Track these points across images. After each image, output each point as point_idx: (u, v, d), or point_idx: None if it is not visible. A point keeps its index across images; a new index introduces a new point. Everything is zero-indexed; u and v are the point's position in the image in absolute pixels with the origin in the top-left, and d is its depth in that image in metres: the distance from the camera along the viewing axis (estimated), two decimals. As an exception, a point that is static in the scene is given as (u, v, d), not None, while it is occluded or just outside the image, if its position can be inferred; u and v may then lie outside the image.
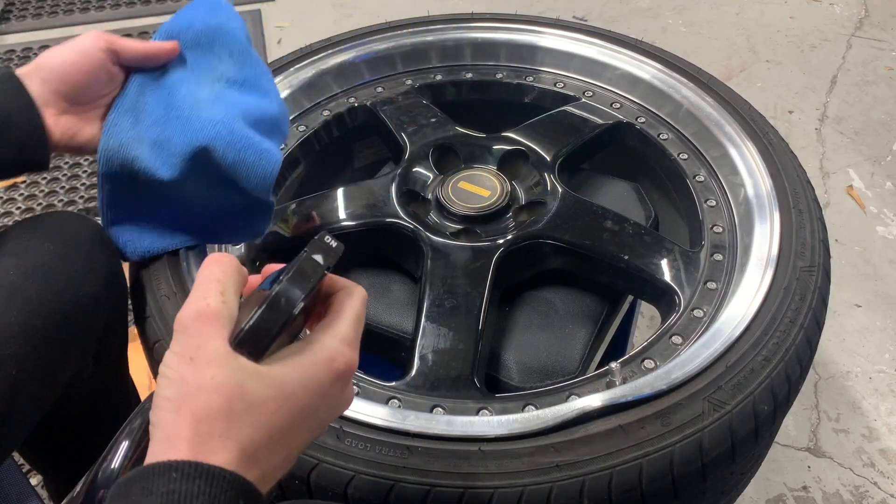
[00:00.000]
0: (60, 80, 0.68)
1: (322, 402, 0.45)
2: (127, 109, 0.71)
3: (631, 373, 0.73)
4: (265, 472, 0.42)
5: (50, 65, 0.68)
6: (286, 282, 0.43)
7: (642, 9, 2.34)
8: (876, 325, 1.47)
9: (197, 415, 0.40)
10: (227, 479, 0.38)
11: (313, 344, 0.45)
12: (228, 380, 0.40)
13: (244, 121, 0.71)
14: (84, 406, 0.90)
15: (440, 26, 1.11)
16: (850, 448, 1.28)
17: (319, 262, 0.45)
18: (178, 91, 0.72)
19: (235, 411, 0.40)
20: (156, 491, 0.37)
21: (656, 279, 0.82)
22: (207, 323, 0.42)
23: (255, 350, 0.43)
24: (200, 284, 0.44)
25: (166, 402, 0.41)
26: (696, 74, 1.00)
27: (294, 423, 0.43)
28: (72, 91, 0.69)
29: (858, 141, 1.88)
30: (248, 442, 0.40)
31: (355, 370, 0.47)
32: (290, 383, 0.43)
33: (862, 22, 2.27)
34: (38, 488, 1.16)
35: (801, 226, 0.81)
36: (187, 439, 0.39)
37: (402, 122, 1.01)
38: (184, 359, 0.41)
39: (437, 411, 0.70)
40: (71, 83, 0.68)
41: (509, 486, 0.61)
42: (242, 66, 0.76)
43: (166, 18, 0.76)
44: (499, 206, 0.87)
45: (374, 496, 0.61)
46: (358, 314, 0.47)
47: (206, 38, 0.75)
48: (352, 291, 0.49)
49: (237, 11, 0.79)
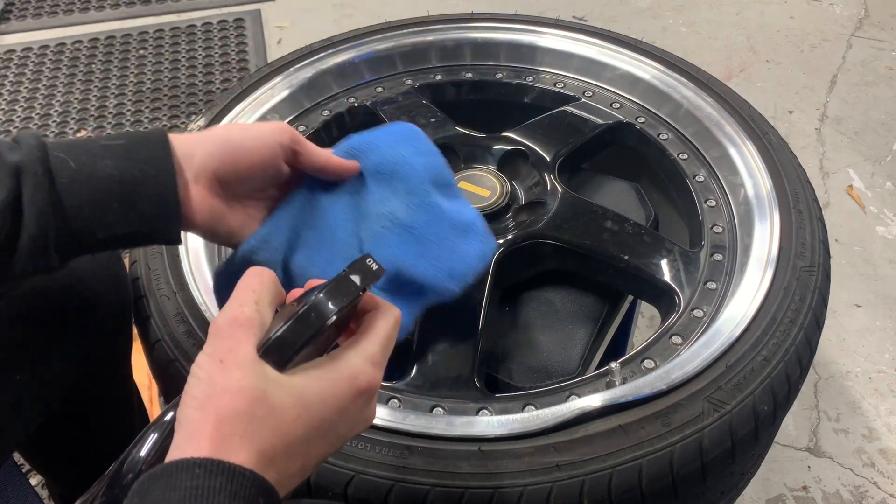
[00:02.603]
0: (225, 161, 0.60)
1: (341, 418, 0.45)
2: (283, 227, 0.65)
3: (631, 373, 0.73)
4: (281, 477, 0.43)
5: (223, 141, 0.61)
6: (318, 298, 0.45)
7: (642, 9, 2.34)
8: (876, 325, 1.47)
9: (220, 414, 0.41)
10: (247, 478, 0.39)
11: (338, 360, 0.46)
12: (252, 384, 0.42)
13: (391, 273, 0.63)
14: (89, 407, 0.90)
15: (440, 26, 1.11)
16: (850, 448, 1.28)
17: (356, 282, 0.46)
18: (340, 218, 0.66)
19: (257, 415, 0.41)
20: (180, 486, 0.38)
21: (656, 279, 0.82)
22: (240, 329, 0.43)
23: (280, 359, 0.44)
24: (238, 293, 0.46)
25: (193, 400, 0.42)
26: (696, 74, 1.00)
27: (312, 434, 0.44)
28: (232, 176, 0.61)
29: (858, 141, 1.88)
30: (267, 445, 0.42)
31: (378, 389, 0.47)
32: (310, 395, 0.44)
33: (862, 22, 2.27)
34: (38, 488, 1.16)
35: (801, 226, 0.81)
36: (209, 437, 0.40)
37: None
38: (214, 360, 0.43)
39: (436, 411, 0.70)
40: (235, 168, 0.61)
41: (509, 486, 0.61)
42: (416, 210, 0.65)
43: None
44: (499, 206, 0.87)
45: (374, 496, 0.61)
46: (388, 335, 0.48)
47: (387, 168, 0.66)
48: (385, 312, 0.49)
49: (433, 146, 0.70)
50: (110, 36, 2.25)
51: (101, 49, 2.21)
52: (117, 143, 0.57)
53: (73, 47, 2.21)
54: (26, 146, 0.53)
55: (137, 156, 0.57)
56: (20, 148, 0.53)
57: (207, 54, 2.17)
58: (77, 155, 0.55)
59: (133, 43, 2.23)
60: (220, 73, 2.10)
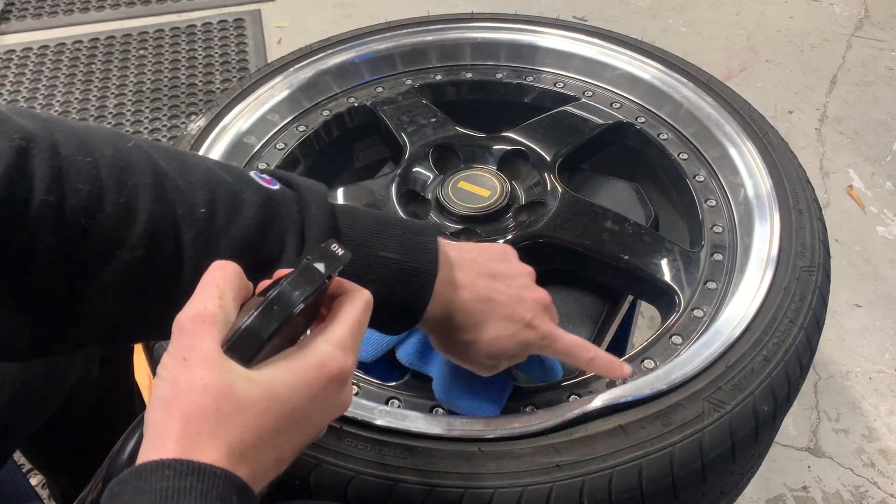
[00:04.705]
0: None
1: (313, 406, 0.45)
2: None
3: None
4: (255, 471, 0.42)
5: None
6: (281, 289, 0.44)
7: (642, 9, 2.34)
8: (876, 325, 1.47)
9: (185, 414, 0.40)
10: (218, 475, 0.39)
11: (306, 348, 0.45)
12: (217, 381, 0.41)
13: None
14: (90, 408, 0.90)
15: (440, 26, 1.11)
16: (850, 448, 1.28)
17: (320, 270, 0.45)
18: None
19: (224, 411, 0.41)
20: (149, 489, 0.37)
21: (656, 279, 0.82)
22: (203, 326, 0.42)
23: (246, 353, 0.43)
24: (201, 289, 0.44)
25: (158, 400, 0.42)
26: (696, 74, 1.00)
27: (284, 425, 0.43)
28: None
29: (858, 141, 1.88)
30: (236, 441, 0.41)
31: (350, 374, 0.46)
32: (278, 386, 0.43)
33: (862, 22, 2.27)
34: (39, 488, 1.16)
35: (801, 226, 0.81)
36: (176, 437, 0.40)
37: (401, 122, 1.01)
38: (178, 359, 0.42)
39: (437, 411, 0.70)
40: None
41: (509, 486, 0.61)
42: None
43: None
44: (499, 206, 0.87)
45: (374, 496, 0.61)
46: (357, 319, 0.47)
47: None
48: (354, 296, 0.48)
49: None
50: (110, 36, 2.26)
51: (101, 49, 2.21)
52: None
53: (73, 47, 2.21)
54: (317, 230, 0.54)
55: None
56: (306, 253, 0.53)
57: (207, 54, 2.17)
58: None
59: (133, 43, 2.23)
60: (220, 73, 2.10)
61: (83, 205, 0.47)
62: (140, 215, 0.49)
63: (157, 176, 0.50)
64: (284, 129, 1.02)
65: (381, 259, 0.56)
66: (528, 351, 0.64)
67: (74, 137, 0.48)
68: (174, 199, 0.50)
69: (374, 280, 0.55)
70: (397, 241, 0.57)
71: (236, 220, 0.52)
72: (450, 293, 0.59)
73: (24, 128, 0.46)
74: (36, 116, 0.48)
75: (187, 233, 0.51)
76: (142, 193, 0.49)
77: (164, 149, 0.54)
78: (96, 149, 0.49)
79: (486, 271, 0.62)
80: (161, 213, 0.50)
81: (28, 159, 0.45)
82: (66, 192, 0.46)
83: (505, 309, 0.61)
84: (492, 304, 0.60)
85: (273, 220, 0.53)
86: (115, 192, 0.48)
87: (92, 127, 0.52)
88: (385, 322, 0.59)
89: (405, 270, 0.56)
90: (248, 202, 0.53)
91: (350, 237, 0.56)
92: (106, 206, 0.48)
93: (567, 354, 0.65)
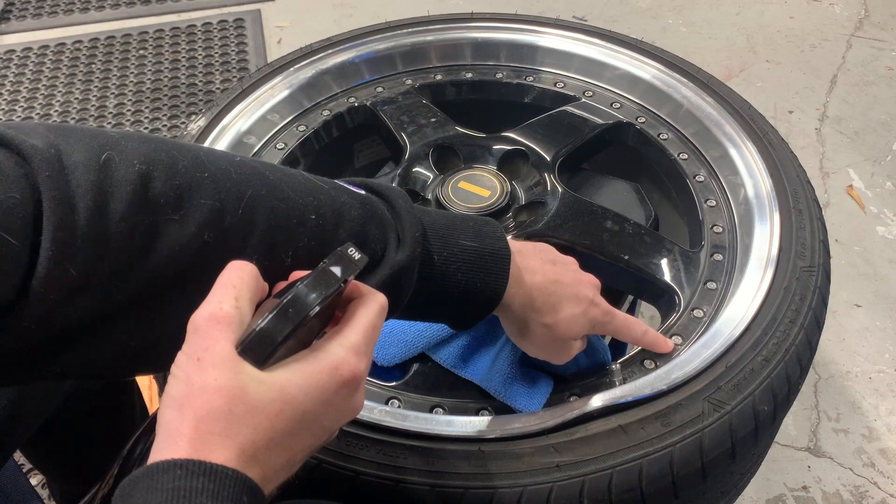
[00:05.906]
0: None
1: (325, 409, 0.45)
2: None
3: (631, 373, 0.73)
4: (266, 473, 0.42)
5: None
6: (297, 291, 0.44)
7: (642, 9, 2.34)
8: (876, 325, 1.47)
9: (198, 414, 0.40)
10: (229, 476, 0.39)
11: (319, 351, 0.45)
12: (230, 382, 0.41)
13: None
14: (91, 408, 0.90)
15: (440, 26, 1.11)
16: (850, 448, 1.28)
17: (336, 274, 0.45)
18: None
19: (236, 413, 0.41)
20: (161, 488, 0.38)
21: (656, 279, 0.82)
22: (218, 326, 0.43)
23: (259, 355, 0.43)
24: (217, 288, 0.45)
25: (171, 400, 0.42)
26: (696, 74, 1.00)
27: (296, 428, 0.43)
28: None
29: (858, 141, 1.88)
30: (248, 442, 0.41)
31: (363, 379, 0.47)
32: (291, 388, 0.43)
33: (862, 22, 2.27)
34: (39, 488, 1.16)
35: (801, 226, 0.81)
36: (188, 437, 0.40)
37: (401, 121, 1.01)
38: (191, 359, 0.42)
39: (437, 411, 0.70)
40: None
41: (509, 486, 0.61)
42: None
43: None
44: (499, 206, 0.87)
45: (375, 496, 0.61)
46: (371, 323, 0.47)
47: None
48: (368, 300, 0.49)
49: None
50: (110, 36, 2.25)
51: (101, 49, 2.21)
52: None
53: (73, 47, 2.21)
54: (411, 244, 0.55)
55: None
56: (405, 247, 0.55)
57: (207, 54, 2.17)
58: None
59: (133, 43, 2.23)
60: (220, 73, 2.10)
61: (206, 219, 0.47)
62: (258, 226, 0.50)
63: (270, 187, 0.52)
64: (284, 129, 1.02)
65: (462, 247, 0.59)
66: (593, 330, 0.67)
67: (188, 155, 0.49)
68: (287, 208, 0.51)
69: (457, 269, 0.58)
70: (471, 230, 0.60)
71: (342, 223, 0.53)
72: (525, 276, 0.62)
73: (139, 151, 0.47)
74: (148, 139, 0.49)
75: (300, 239, 0.52)
76: (259, 205, 0.50)
77: (261, 161, 0.55)
78: (210, 164, 0.50)
79: (547, 258, 0.65)
80: (276, 223, 0.51)
81: (150, 182, 0.46)
82: (190, 210, 0.47)
83: (572, 289, 0.65)
84: (561, 286, 0.64)
85: (372, 221, 0.55)
86: (234, 204, 0.49)
87: (197, 146, 0.53)
88: (466, 313, 0.61)
89: (483, 256, 0.59)
90: (348, 206, 0.54)
91: (435, 230, 0.58)
92: (226, 219, 0.49)
93: (624, 329, 0.69)
